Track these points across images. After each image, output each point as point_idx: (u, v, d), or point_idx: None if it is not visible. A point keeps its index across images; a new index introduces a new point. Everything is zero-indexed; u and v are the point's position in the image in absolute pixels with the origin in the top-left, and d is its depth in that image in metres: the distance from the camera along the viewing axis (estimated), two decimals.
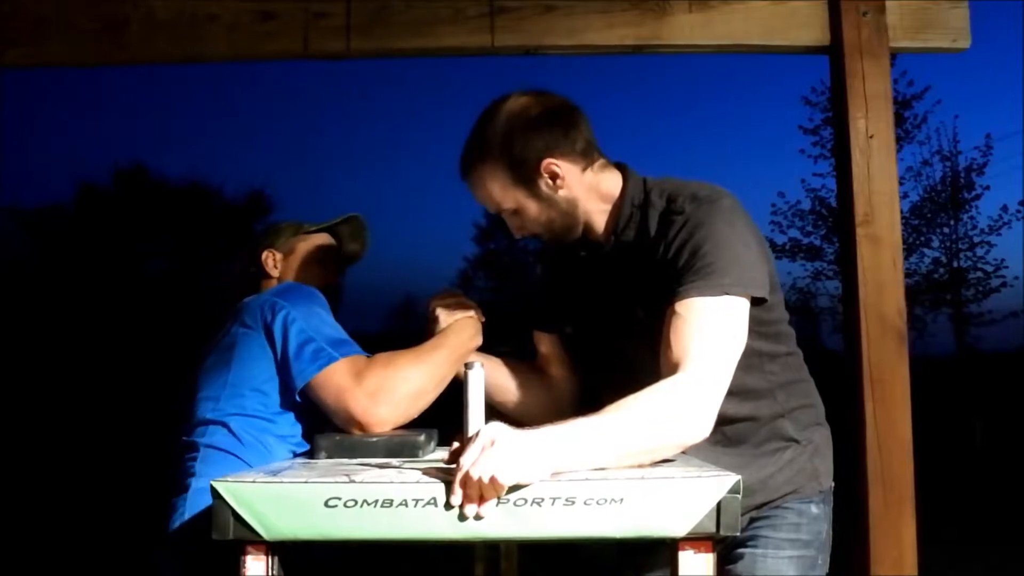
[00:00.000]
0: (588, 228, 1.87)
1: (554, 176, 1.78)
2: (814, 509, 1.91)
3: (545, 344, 2.07)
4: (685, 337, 1.64)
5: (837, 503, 1.99)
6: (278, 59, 2.53)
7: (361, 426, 1.77)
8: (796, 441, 1.91)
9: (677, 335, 1.65)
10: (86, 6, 2.42)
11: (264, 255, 2.18)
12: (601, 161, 1.85)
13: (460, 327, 1.97)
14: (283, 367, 1.83)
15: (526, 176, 1.78)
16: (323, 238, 2.25)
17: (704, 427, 1.57)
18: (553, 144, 1.78)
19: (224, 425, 1.84)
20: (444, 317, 1.97)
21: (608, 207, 1.85)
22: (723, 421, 1.64)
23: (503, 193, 1.81)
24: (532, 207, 1.81)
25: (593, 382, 2.03)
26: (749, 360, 1.72)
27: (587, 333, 1.97)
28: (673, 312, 1.67)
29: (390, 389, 1.79)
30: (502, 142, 1.77)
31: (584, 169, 1.82)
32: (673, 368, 1.61)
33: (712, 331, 1.64)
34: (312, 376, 1.80)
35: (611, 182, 1.85)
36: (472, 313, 2.00)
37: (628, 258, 1.84)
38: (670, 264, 1.73)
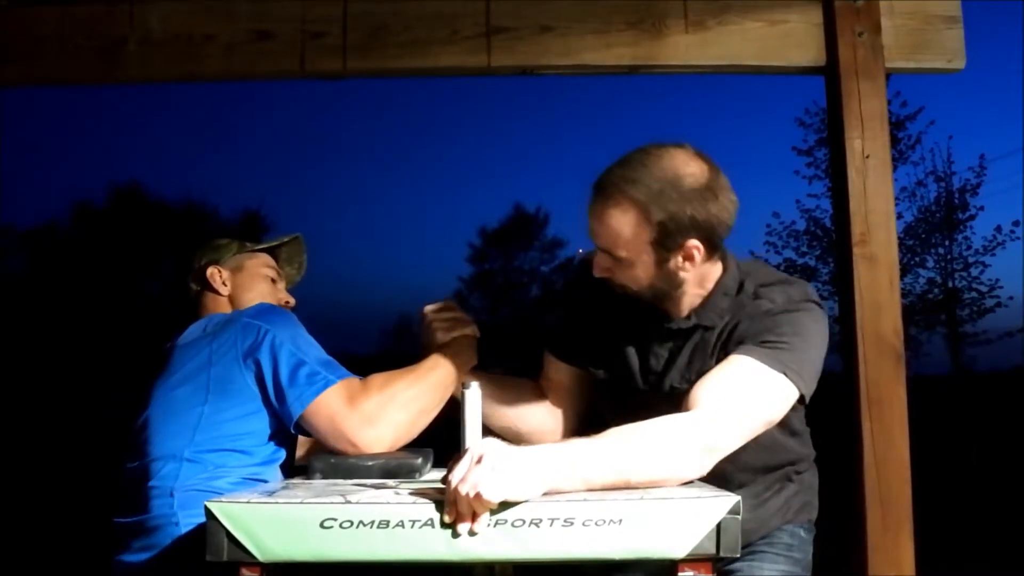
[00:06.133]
0: (670, 303, 1.82)
1: (690, 258, 1.73)
2: (803, 534, 2.00)
3: (557, 371, 2.03)
4: (719, 383, 1.65)
5: (836, 523, 2.06)
6: (275, 78, 2.54)
7: (357, 448, 1.73)
8: (792, 481, 1.98)
9: (713, 378, 1.67)
10: (84, 26, 2.43)
11: (210, 271, 2.05)
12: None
13: (457, 347, 1.93)
14: (277, 395, 1.75)
15: (666, 245, 1.71)
16: (269, 258, 2.15)
17: (699, 468, 1.55)
18: (708, 230, 1.71)
19: (198, 463, 1.74)
20: (441, 335, 1.94)
21: (703, 293, 1.81)
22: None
23: (629, 242, 1.71)
24: (647, 269, 1.74)
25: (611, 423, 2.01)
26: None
27: (619, 381, 1.92)
28: (726, 359, 1.69)
29: (386, 414, 1.75)
30: (665, 204, 1.67)
31: (708, 259, 1.77)
32: (691, 405, 1.62)
33: (748, 392, 1.65)
34: (311, 401, 1.73)
35: (715, 271, 1.81)
36: (469, 331, 1.97)
37: (698, 334, 1.82)
38: (743, 336, 1.74)
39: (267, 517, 1.34)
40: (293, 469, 1.89)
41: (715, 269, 1.81)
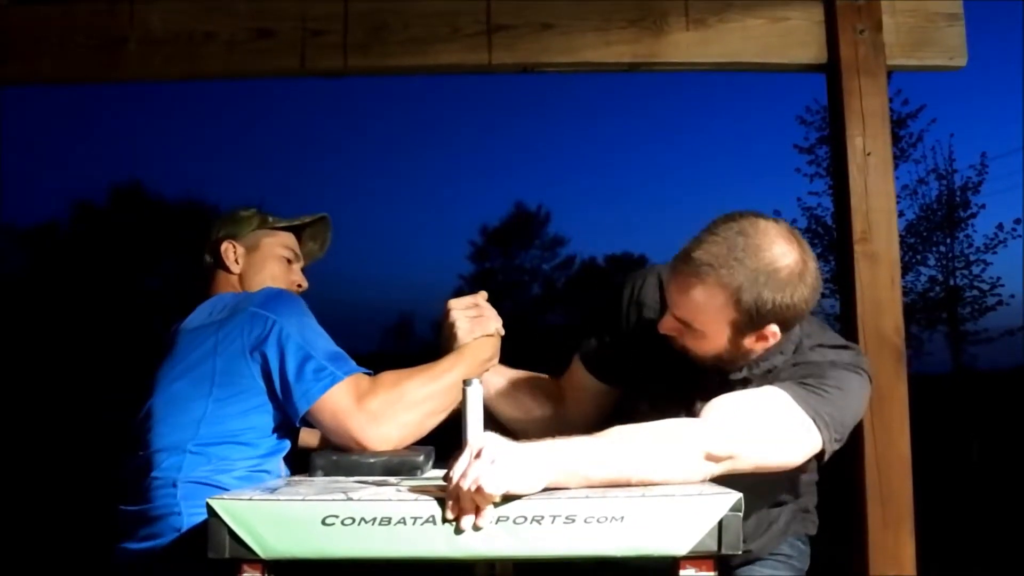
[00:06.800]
0: (729, 364, 1.79)
1: (764, 340, 1.72)
2: (801, 545, 2.01)
3: (584, 381, 2.01)
4: (738, 400, 1.64)
5: (838, 521, 2.07)
6: (275, 76, 2.53)
7: (361, 446, 1.71)
8: (794, 504, 1.98)
9: (736, 395, 1.65)
10: (84, 24, 2.43)
11: (224, 246, 2.00)
12: None
13: (478, 348, 1.87)
14: (283, 390, 1.72)
15: (746, 328, 1.69)
16: (290, 237, 2.09)
17: (698, 473, 1.53)
18: (791, 320, 1.70)
19: (202, 456, 1.72)
20: (463, 333, 1.87)
21: (762, 353, 1.79)
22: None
23: (708, 319, 1.69)
24: (719, 343, 1.72)
25: None
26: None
27: (657, 411, 1.84)
28: (758, 386, 1.68)
29: (393, 413, 1.72)
30: (757, 292, 1.64)
31: (779, 337, 1.74)
32: (703, 412, 1.61)
33: (766, 418, 1.62)
34: (316, 398, 1.70)
35: (777, 337, 1.77)
36: (493, 330, 1.90)
37: (745, 381, 1.81)
38: (786, 378, 1.72)
39: (269, 514, 1.33)
40: (295, 460, 1.88)
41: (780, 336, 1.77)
